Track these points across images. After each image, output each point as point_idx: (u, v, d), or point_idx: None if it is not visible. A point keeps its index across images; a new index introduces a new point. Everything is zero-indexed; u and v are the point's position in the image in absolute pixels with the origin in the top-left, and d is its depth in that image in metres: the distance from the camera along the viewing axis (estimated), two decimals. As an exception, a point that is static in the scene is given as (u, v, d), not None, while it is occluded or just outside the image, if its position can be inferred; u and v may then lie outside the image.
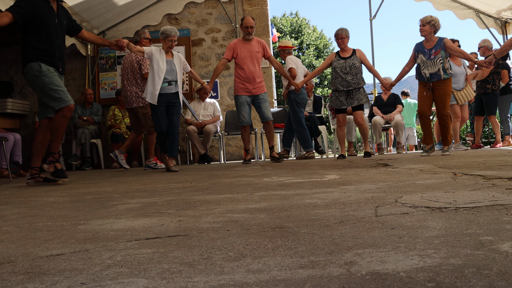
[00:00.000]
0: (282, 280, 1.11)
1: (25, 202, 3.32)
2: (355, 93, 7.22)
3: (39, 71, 4.78)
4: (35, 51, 4.80)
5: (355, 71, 7.21)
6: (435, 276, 1.06)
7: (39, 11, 4.76)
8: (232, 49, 7.18)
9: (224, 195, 3.03)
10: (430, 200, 2.22)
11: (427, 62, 6.55)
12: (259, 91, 7.16)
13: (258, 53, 7.17)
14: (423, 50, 6.64)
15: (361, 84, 7.27)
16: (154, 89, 6.36)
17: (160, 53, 6.47)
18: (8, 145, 7.15)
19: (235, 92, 7.24)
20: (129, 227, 1.98)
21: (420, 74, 6.67)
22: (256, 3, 10.29)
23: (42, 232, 1.97)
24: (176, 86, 6.59)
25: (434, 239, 1.43)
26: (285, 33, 32.75)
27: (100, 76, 10.30)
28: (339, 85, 7.27)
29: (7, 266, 1.40)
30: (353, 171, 4.51)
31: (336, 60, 7.34)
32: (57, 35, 4.95)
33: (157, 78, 6.37)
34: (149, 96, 6.41)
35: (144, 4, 10.11)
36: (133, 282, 1.17)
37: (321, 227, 1.73)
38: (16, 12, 4.62)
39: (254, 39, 7.22)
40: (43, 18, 4.79)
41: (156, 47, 6.60)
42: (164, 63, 6.44)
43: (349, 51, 7.36)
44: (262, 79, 7.30)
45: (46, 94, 4.84)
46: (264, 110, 7.19)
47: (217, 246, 1.52)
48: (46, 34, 4.84)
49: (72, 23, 5.30)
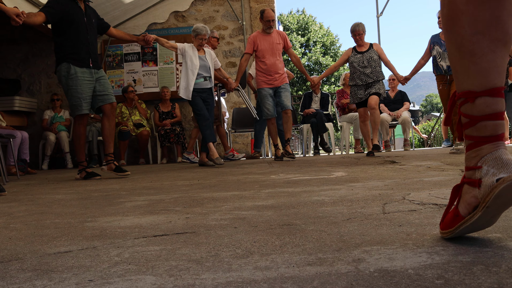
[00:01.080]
0: (290, 277, 1.11)
1: (33, 199, 3.33)
2: (373, 84, 7.00)
3: (67, 73, 5.06)
4: (64, 50, 5.07)
5: (374, 64, 7.00)
6: (444, 273, 1.05)
7: (68, 10, 5.01)
8: (253, 42, 7.02)
9: (231, 192, 3.03)
10: (438, 197, 2.21)
11: (443, 54, 6.47)
12: (281, 82, 7.02)
13: (278, 45, 7.03)
14: (439, 41, 6.56)
15: (380, 77, 7.03)
16: (188, 84, 6.41)
17: (192, 50, 6.54)
18: (16, 142, 7.18)
19: (258, 85, 7.11)
20: (137, 224, 1.99)
21: (437, 67, 6.58)
22: (263, 0, 10.27)
23: (50, 229, 1.98)
24: (211, 82, 6.65)
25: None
26: (291, 30, 32.74)
27: (107, 73, 10.31)
28: (358, 79, 7.07)
29: (15, 263, 1.41)
30: (360, 168, 4.51)
31: (353, 55, 7.16)
32: (86, 33, 5.17)
33: (191, 74, 6.43)
34: (183, 92, 6.46)
35: (151, 2, 10.12)
36: (141, 279, 1.17)
37: (328, 224, 1.73)
38: (48, 12, 4.87)
39: (274, 31, 7.08)
40: (72, 17, 5.04)
41: (188, 43, 6.63)
42: (197, 59, 6.50)
43: (366, 45, 7.19)
44: (284, 71, 7.14)
45: (68, 97, 5.17)
46: (284, 99, 6.99)
47: (225, 243, 1.52)
48: (75, 33, 5.08)
49: (100, 22, 5.54)
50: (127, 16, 10.15)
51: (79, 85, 5.08)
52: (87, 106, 5.17)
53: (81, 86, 5.09)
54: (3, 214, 2.59)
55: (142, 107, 9.53)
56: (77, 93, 5.08)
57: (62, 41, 5.07)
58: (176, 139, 9.07)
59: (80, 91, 5.08)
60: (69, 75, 5.04)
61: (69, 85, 5.07)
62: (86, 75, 5.14)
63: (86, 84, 5.13)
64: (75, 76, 5.05)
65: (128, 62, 10.24)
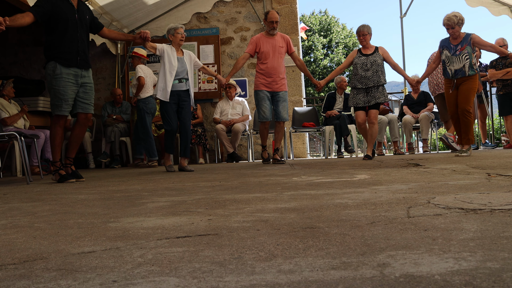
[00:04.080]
0: (314, 281, 1.10)
1: (56, 199, 3.36)
2: (373, 91, 6.99)
3: (53, 72, 5.01)
4: (52, 49, 5.04)
5: (376, 68, 6.96)
6: (472, 280, 1.03)
7: (58, 9, 4.97)
8: (255, 44, 6.94)
9: (253, 194, 3.02)
10: (464, 201, 2.17)
11: (452, 58, 6.41)
12: (280, 88, 6.94)
13: (281, 48, 6.94)
14: (449, 46, 6.51)
15: (381, 82, 6.98)
16: (166, 85, 6.29)
17: (171, 50, 6.43)
18: (39, 142, 7.27)
19: (255, 87, 7.00)
20: (159, 225, 1.99)
21: (445, 71, 6.54)
22: (285, 1, 10.27)
23: (73, 229, 1.99)
24: (187, 84, 6.51)
25: (469, 242, 1.40)
26: (313, 31, 32.66)
27: (130, 74, 10.40)
28: (358, 82, 7.05)
29: (40, 263, 1.42)
30: (383, 171, 4.47)
31: (357, 57, 7.14)
32: (76, 30, 5.11)
33: (169, 75, 6.31)
34: (160, 93, 6.33)
35: (174, 3, 10.18)
36: (164, 280, 1.17)
37: (352, 228, 1.71)
38: (36, 11, 4.85)
39: (278, 34, 7.02)
40: (62, 15, 5.00)
41: (167, 44, 6.56)
42: (175, 60, 6.39)
43: (371, 48, 7.15)
44: (285, 76, 7.07)
45: (51, 95, 5.11)
46: (280, 109, 6.96)
47: (248, 245, 1.51)
48: (64, 31, 5.03)
49: (95, 21, 5.46)
50: (149, 17, 10.23)
51: (62, 86, 5.01)
52: (67, 108, 5.09)
53: (65, 87, 5.03)
54: (28, 213, 2.61)
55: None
56: (59, 94, 5.02)
57: (52, 40, 5.03)
58: (197, 140, 9.10)
59: (63, 92, 5.02)
60: (54, 74, 4.99)
61: (52, 84, 5.02)
62: (71, 77, 5.07)
63: (70, 86, 5.07)
64: (60, 76, 5.00)
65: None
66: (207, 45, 10.25)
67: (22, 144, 5.65)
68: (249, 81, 10.18)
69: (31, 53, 10.86)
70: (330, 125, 9.17)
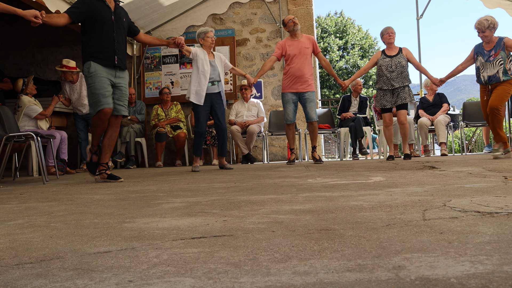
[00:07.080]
0: (329, 283, 1.10)
1: (72, 199, 3.39)
2: (399, 92, 7.09)
3: (88, 71, 5.02)
4: (88, 49, 5.05)
5: (401, 70, 7.07)
6: (488, 284, 1.02)
7: (95, 10, 5.01)
8: (281, 47, 7.10)
9: (268, 196, 3.02)
10: (480, 205, 2.16)
11: (486, 64, 6.31)
12: (306, 89, 7.02)
13: (307, 49, 7.04)
14: (482, 51, 6.40)
15: (406, 83, 7.10)
16: (201, 89, 6.41)
17: (203, 54, 6.54)
18: (55, 143, 7.32)
19: (282, 89, 7.19)
20: (175, 226, 2.00)
21: (479, 77, 6.46)
22: (300, 3, 10.25)
23: (89, 229, 2.00)
24: (219, 86, 6.64)
25: (485, 245, 1.39)
26: (329, 32, 32.57)
27: (145, 75, 10.45)
28: (384, 84, 7.16)
29: (56, 262, 1.43)
30: (399, 173, 4.45)
31: (382, 58, 7.23)
32: (113, 31, 5.13)
33: (203, 78, 6.43)
34: (194, 96, 6.43)
35: (189, 4, 10.20)
36: (180, 281, 1.17)
37: (367, 230, 1.71)
38: (73, 13, 4.90)
39: (303, 36, 7.16)
40: (99, 16, 5.03)
41: (199, 48, 6.65)
42: (208, 64, 6.51)
43: (395, 49, 7.23)
44: (312, 77, 7.15)
45: (89, 96, 5.12)
46: (308, 110, 7.07)
47: (263, 247, 1.51)
48: (100, 31, 5.06)
49: (131, 25, 5.52)
50: (165, 18, 10.27)
51: (97, 82, 4.97)
52: (106, 101, 4.98)
53: (100, 82, 4.98)
54: (44, 213, 2.64)
55: (176, 109, 9.59)
56: (95, 89, 4.97)
57: (88, 40, 5.05)
58: (212, 141, 9.12)
59: (98, 86, 4.96)
60: (89, 73, 4.98)
61: (89, 83, 5.01)
62: (106, 74, 5.06)
63: (105, 80, 5.03)
64: (95, 74, 4.98)
65: (166, 64, 10.34)
66: (223, 46, 10.25)
67: (38, 144, 5.69)
68: (265, 83, 10.18)
69: (48, 54, 10.95)
70: (345, 127, 9.14)
